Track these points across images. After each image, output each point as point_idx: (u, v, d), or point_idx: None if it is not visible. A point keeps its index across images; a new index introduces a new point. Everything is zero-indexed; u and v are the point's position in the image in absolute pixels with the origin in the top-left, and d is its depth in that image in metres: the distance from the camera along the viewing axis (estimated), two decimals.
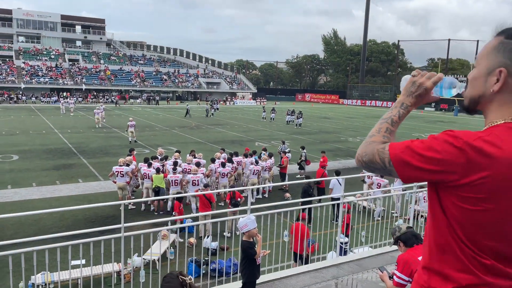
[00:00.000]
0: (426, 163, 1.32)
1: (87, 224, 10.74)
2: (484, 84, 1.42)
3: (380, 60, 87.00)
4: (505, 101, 1.39)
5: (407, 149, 1.37)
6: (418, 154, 1.34)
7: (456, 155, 1.29)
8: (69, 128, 29.48)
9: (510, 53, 1.36)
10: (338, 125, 37.69)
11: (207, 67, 79.90)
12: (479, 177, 1.28)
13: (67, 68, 65.00)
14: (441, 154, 1.30)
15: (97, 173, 16.32)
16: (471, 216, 1.32)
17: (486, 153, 1.27)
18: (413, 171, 1.35)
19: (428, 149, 1.33)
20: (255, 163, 13.99)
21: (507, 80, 1.37)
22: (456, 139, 1.30)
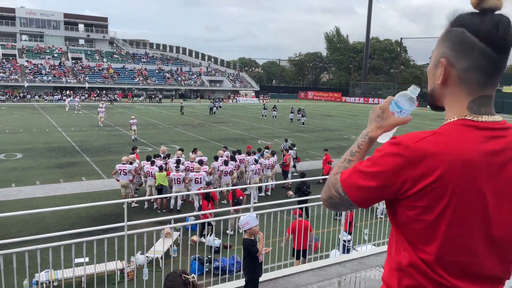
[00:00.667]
0: (371, 180, 1.21)
1: (90, 222, 10.77)
2: (433, 78, 1.31)
3: (383, 58, 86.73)
4: (454, 93, 1.27)
5: (354, 171, 1.26)
6: (363, 173, 1.22)
7: (397, 163, 1.17)
8: (72, 126, 29.56)
9: (450, 42, 1.23)
10: (341, 123, 37.62)
11: (210, 65, 79.90)
12: (428, 182, 1.15)
13: (70, 66, 65.15)
14: (382, 166, 1.19)
15: (100, 171, 16.37)
16: (428, 229, 1.19)
17: (428, 154, 1.15)
18: (362, 192, 1.23)
19: (371, 164, 1.22)
20: (255, 162, 13.98)
21: (449, 71, 1.24)
22: (397, 145, 1.19)
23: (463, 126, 1.22)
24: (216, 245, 8.88)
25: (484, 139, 1.20)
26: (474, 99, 1.24)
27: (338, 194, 1.28)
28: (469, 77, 1.23)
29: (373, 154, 1.26)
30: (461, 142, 1.18)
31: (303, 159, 19.32)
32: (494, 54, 1.18)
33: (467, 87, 1.24)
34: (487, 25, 1.17)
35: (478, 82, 1.23)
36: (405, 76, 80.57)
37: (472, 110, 1.24)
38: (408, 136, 1.21)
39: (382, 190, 1.21)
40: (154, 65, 73.33)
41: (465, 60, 1.21)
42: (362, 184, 1.23)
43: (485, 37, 1.17)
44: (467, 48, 1.20)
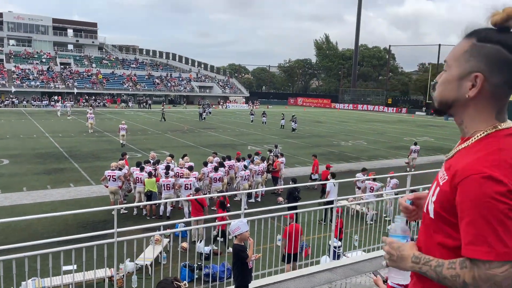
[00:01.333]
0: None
1: (78, 229, 10.64)
2: (457, 89, 1.36)
3: (371, 65, 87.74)
4: (481, 106, 1.35)
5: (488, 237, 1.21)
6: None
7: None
8: (61, 132, 29.24)
9: (485, 58, 1.29)
10: (331, 129, 37.84)
11: (200, 71, 79.90)
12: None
13: (58, 71, 64.57)
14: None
15: (88, 177, 16.20)
16: None
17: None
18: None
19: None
20: (244, 168, 13.96)
21: (483, 86, 1.31)
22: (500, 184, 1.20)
23: (507, 136, 1.31)
24: (206, 252, 8.84)
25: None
26: (498, 111, 1.34)
27: (507, 265, 1.17)
28: (499, 92, 1.31)
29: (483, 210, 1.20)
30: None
31: (292, 165, 19.38)
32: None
33: (496, 101, 1.34)
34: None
35: (506, 95, 1.32)
36: (394, 83, 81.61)
37: (499, 119, 1.34)
38: (488, 164, 1.23)
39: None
40: (143, 71, 73.06)
41: (499, 76, 1.29)
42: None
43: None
44: (503, 65, 1.27)
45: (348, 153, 23.82)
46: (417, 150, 19.95)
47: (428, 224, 1.42)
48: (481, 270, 1.19)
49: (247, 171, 13.84)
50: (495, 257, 1.16)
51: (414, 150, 19.79)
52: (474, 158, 1.28)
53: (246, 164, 14.34)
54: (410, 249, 1.41)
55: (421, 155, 20.29)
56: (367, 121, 48.87)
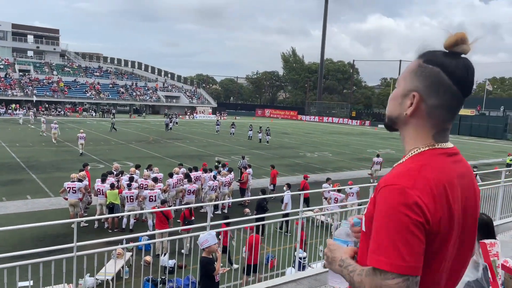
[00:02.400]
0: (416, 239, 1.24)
1: (35, 243, 10.14)
2: (400, 106, 1.39)
3: (336, 78, 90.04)
4: (419, 125, 1.36)
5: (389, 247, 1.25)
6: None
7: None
8: (18, 141, 27.96)
9: (425, 78, 1.32)
10: (297, 140, 38.33)
11: (166, 80, 79.06)
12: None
13: (17, 78, 61.96)
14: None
15: (47, 189, 15.54)
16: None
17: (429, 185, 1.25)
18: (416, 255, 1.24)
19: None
20: (213, 178, 13.89)
21: (419, 105, 1.33)
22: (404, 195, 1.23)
23: (438, 155, 1.33)
24: (170, 265, 8.65)
25: (453, 164, 1.34)
26: (437, 132, 1.36)
27: (400, 279, 1.17)
28: (436, 113, 1.33)
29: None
30: (443, 169, 1.30)
31: (260, 176, 19.43)
32: (461, 96, 1.32)
33: (433, 122, 1.35)
34: (461, 69, 1.28)
35: (444, 119, 1.35)
36: (357, 96, 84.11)
37: (437, 140, 1.36)
38: (405, 178, 1.25)
39: (421, 236, 1.21)
40: (107, 79, 71.41)
41: (437, 98, 1.31)
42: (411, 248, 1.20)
43: (459, 81, 1.29)
44: (441, 88, 1.30)
45: (314, 165, 24.18)
46: (380, 162, 20.55)
47: (362, 238, 1.42)
48: (377, 279, 1.19)
49: (216, 181, 13.74)
50: (390, 268, 1.17)
51: (377, 162, 20.39)
52: (397, 172, 1.30)
53: (215, 175, 14.26)
54: (342, 253, 1.41)
55: (384, 166, 20.90)
56: (332, 133, 49.92)
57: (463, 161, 1.39)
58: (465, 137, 56.29)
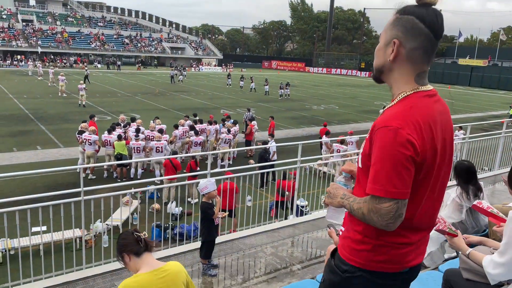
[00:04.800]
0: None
1: (46, 191, 10.54)
2: (384, 55, 1.59)
3: (346, 28, 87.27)
4: (402, 69, 1.57)
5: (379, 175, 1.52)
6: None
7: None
8: (25, 93, 28.13)
9: (401, 26, 1.53)
10: (304, 93, 38.02)
11: (171, 31, 77.33)
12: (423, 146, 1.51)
13: (20, 29, 61.05)
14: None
15: (56, 140, 15.87)
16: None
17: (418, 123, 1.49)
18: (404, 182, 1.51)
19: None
20: (227, 132, 13.97)
21: (400, 50, 1.54)
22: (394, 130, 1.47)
23: (422, 97, 1.55)
24: (177, 213, 9.02)
25: (434, 103, 1.56)
26: (418, 74, 1.56)
27: (391, 202, 1.44)
28: (415, 55, 1.54)
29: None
30: (427, 108, 1.53)
31: (265, 129, 19.54)
32: (433, 39, 1.52)
33: (413, 64, 1.55)
34: (431, 15, 1.51)
35: (422, 60, 1.54)
36: (367, 47, 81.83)
37: (419, 83, 1.56)
38: (397, 119, 1.47)
39: (411, 168, 1.47)
40: (112, 30, 70.04)
41: (414, 41, 1.52)
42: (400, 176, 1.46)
43: (429, 25, 1.50)
44: (416, 32, 1.51)
45: (320, 117, 24.16)
46: None
47: (358, 174, 1.67)
48: (373, 204, 1.47)
49: (229, 135, 13.85)
50: (384, 194, 1.43)
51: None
52: (389, 114, 1.51)
53: (219, 128, 14.37)
54: (344, 190, 1.70)
55: None
56: (340, 86, 49.31)
57: (441, 101, 1.62)
58: (475, 88, 55.35)
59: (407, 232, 1.58)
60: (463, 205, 3.57)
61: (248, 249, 5.18)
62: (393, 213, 1.44)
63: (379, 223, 1.47)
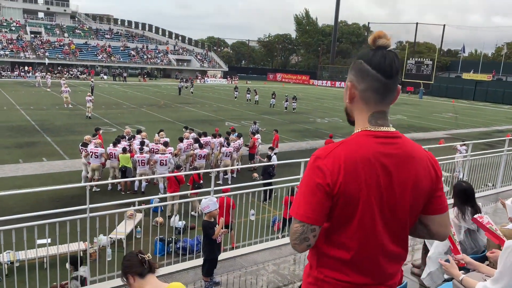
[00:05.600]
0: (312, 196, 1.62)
1: (51, 203, 10.67)
2: (344, 98, 1.72)
3: (350, 42, 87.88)
4: (358, 109, 1.67)
5: (296, 200, 1.64)
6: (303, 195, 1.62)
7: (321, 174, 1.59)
8: (32, 104, 28.47)
9: (353, 70, 1.65)
10: (308, 106, 38.18)
11: (177, 43, 78.17)
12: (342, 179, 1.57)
13: (28, 41, 62.00)
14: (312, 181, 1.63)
15: (61, 151, 16.03)
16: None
17: (339, 158, 1.56)
18: (313, 210, 1.61)
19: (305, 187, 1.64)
20: (227, 145, 14.08)
21: (353, 91, 1.65)
22: (316, 159, 1.60)
23: (364, 136, 1.61)
24: (180, 226, 9.08)
25: (378, 144, 1.59)
26: (372, 114, 1.64)
27: (298, 224, 1.55)
28: (367, 96, 1.63)
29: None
30: (361, 147, 1.57)
31: (269, 142, 19.63)
32: (383, 79, 1.59)
33: (366, 104, 1.64)
34: (377, 57, 1.59)
35: (374, 100, 1.62)
36: None
37: (371, 123, 1.63)
38: (322, 150, 1.60)
39: (321, 198, 1.55)
40: (118, 42, 70.95)
41: (363, 82, 1.62)
42: (308, 204, 1.56)
43: (375, 66, 1.58)
44: (364, 74, 1.61)
45: (324, 130, 24.25)
46: None
47: None
48: (292, 223, 1.60)
49: (229, 148, 13.95)
50: (294, 215, 1.57)
51: None
52: (326, 146, 1.65)
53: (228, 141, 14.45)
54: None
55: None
56: None
57: (397, 145, 1.61)
58: (480, 103, 55.29)
59: (347, 269, 1.61)
60: (461, 225, 3.62)
61: (250, 266, 5.22)
62: (298, 234, 1.54)
63: (290, 242, 1.60)
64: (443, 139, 23.01)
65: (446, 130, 27.59)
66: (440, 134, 25.62)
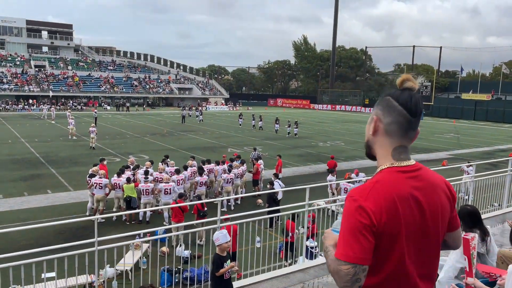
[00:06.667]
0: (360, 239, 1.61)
1: (57, 236, 10.64)
2: (368, 131, 1.80)
3: (349, 66, 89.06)
4: (381, 143, 1.75)
5: (339, 243, 1.63)
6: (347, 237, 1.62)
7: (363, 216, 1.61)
8: (36, 137, 28.74)
9: (380, 105, 1.76)
10: (309, 130, 38.37)
11: (179, 72, 79.45)
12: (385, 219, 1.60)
13: (33, 74, 63.15)
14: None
15: (66, 183, 16.08)
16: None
17: (378, 198, 1.60)
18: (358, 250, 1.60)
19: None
20: (228, 171, 14.12)
21: (378, 124, 1.74)
22: (354, 201, 1.61)
23: (394, 172, 1.69)
24: (186, 255, 9.01)
25: (408, 179, 1.67)
26: (395, 148, 1.72)
27: (349, 266, 1.55)
28: (391, 129, 1.72)
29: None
30: (396, 184, 1.65)
31: (272, 167, 19.66)
32: (408, 116, 1.70)
33: (390, 138, 1.73)
34: (405, 96, 1.71)
35: (397, 134, 1.72)
36: (371, 84, 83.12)
37: (395, 158, 1.71)
38: (360, 192, 1.63)
39: (367, 238, 1.57)
40: (121, 73, 72.18)
41: (389, 117, 1.72)
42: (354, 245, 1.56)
43: (402, 103, 1.70)
44: (390, 109, 1.72)
45: (326, 154, 24.27)
46: None
47: None
48: (335, 265, 1.60)
49: (231, 174, 13.98)
50: (343, 258, 1.57)
51: None
52: (359, 187, 1.68)
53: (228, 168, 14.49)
54: (331, 240, 1.77)
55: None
56: (345, 122, 49.74)
57: (421, 176, 1.71)
58: (480, 122, 55.44)
59: None
60: None
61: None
62: (350, 276, 1.55)
63: (339, 284, 1.60)
64: (446, 160, 22.99)
65: (449, 151, 27.58)
66: (443, 155, 25.60)
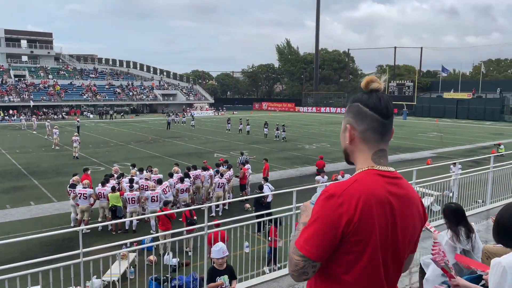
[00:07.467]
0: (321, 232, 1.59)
1: (42, 248, 10.41)
2: (344, 140, 1.77)
3: (332, 68, 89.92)
4: (359, 150, 1.71)
5: (303, 232, 1.61)
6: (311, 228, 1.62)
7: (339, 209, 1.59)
8: (18, 148, 28.15)
9: (351, 113, 1.73)
10: (295, 132, 38.51)
11: (162, 79, 78.95)
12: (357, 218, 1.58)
13: (12, 84, 61.93)
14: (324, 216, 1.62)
15: (50, 194, 15.76)
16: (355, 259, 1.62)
17: (355, 195, 1.57)
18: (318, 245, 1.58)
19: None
20: (220, 176, 14.02)
21: (353, 133, 1.72)
22: (331, 196, 1.59)
23: (374, 174, 1.65)
24: (174, 264, 8.91)
25: (386, 184, 1.63)
26: (375, 152, 1.69)
27: (301, 258, 1.56)
28: (367, 136, 1.70)
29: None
30: (374, 186, 1.60)
31: (259, 171, 19.65)
32: (381, 119, 1.68)
33: (367, 144, 1.71)
34: (373, 100, 1.68)
35: (374, 140, 1.69)
36: (354, 85, 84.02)
37: (376, 162, 1.68)
38: (337, 188, 1.58)
39: (332, 236, 1.53)
40: (103, 81, 71.35)
41: (362, 124, 1.69)
42: (315, 239, 1.54)
43: (373, 108, 1.67)
44: (362, 116, 1.69)
45: (313, 156, 24.39)
46: None
47: None
48: (293, 251, 1.59)
49: (222, 179, 13.89)
50: (299, 247, 1.57)
51: None
52: (338, 182, 1.66)
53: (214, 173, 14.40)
54: (306, 217, 1.71)
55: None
56: (330, 123, 50.09)
57: (401, 184, 1.67)
58: (462, 120, 56.52)
59: None
60: (456, 247, 3.66)
61: None
62: (299, 268, 1.56)
63: (288, 269, 1.62)
64: (430, 158, 23.34)
65: (433, 150, 28.01)
66: (427, 154, 25.98)
